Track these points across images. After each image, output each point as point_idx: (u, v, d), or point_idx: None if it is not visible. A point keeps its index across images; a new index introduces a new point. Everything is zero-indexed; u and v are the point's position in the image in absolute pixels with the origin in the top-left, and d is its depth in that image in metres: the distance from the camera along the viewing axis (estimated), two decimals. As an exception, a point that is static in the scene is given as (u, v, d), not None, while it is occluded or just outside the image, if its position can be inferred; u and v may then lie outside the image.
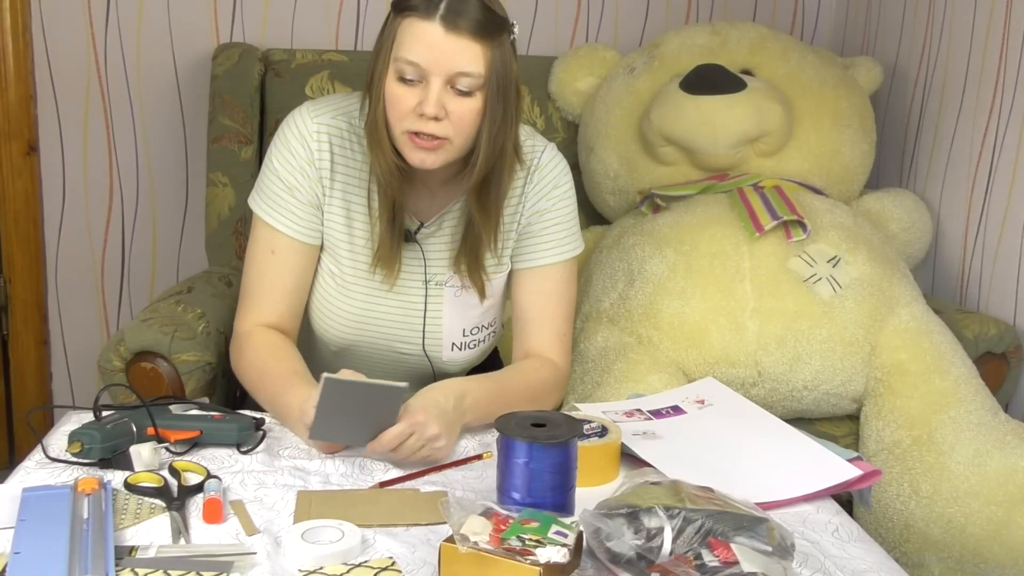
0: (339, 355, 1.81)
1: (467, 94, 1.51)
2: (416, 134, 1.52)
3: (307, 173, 1.64)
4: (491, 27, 1.50)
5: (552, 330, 1.73)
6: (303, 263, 1.68)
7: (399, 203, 1.63)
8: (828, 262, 2.10)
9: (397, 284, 1.70)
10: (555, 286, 1.73)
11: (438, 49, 1.48)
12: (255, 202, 1.69)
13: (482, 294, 1.71)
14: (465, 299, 1.72)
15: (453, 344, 1.75)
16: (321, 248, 1.70)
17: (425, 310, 1.72)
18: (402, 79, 1.51)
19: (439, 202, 1.69)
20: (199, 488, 1.33)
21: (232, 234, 2.49)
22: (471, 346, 1.77)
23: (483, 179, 1.59)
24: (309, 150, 1.64)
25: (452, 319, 1.73)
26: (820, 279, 2.07)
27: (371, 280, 1.70)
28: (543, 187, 1.71)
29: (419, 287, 1.71)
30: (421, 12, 1.48)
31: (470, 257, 1.67)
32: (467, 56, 1.49)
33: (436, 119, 1.50)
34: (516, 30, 1.56)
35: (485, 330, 1.78)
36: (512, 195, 1.70)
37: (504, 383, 1.64)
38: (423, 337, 1.74)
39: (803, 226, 2.10)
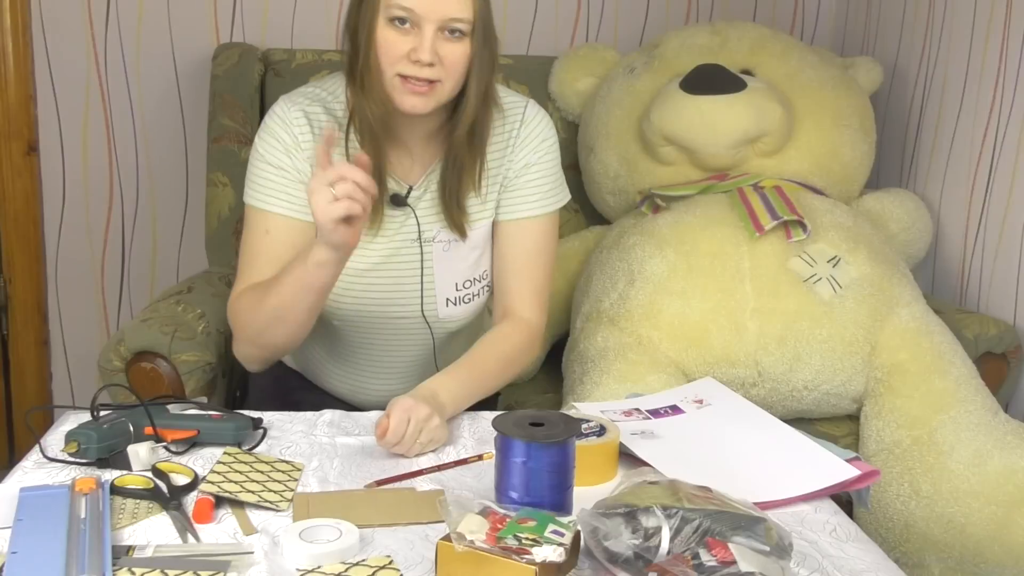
0: (340, 329, 1.82)
1: (457, 39, 1.57)
2: (408, 78, 1.57)
3: (292, 154, 1.67)
4: None
5: (530, 286, 1.77)
6: (298, 239, 1.67)
7: (381, 155, 1.65)
8: (828, 262, 2.09)
9: (390, 246, 1.73)
10: (535, 241, 1.78)
11: None
12: (248, 195, 1.71)
13: (463, 234, 1.73)
14: (453, 252, 1.75)
15: (448, 300, 1.78)
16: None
17: (421, 271, 1.75)
18: (394, 25, 1.56)
19: (423, 162, 1.72)
20: (192, 487, 1.33)
21: (232, 234, 2.49)
22: (465, 300, 1.80)
23: (472, 123, 1.65)
24: (292, 135, 1.67)
25: (443, 274, 1.76)
26: (820, 279, 2.07)
27: (365, 247, 1.71)
28: (531, 141, 1.76)
29: (412, 247, 1.74)
30: None
31: (451, 197, 1.71)
32: (458, 3, 1.55)
33: (430, 65, 1.55)
34: None
35: (478, 283, 1.80)
36: (497, 147, 1.74)
37: (475, 365, 1.68)
38: (421, 298, 1.76)
39: (803, 226, 2.10)
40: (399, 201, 1.71)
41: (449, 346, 1.85)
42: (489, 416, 1.60)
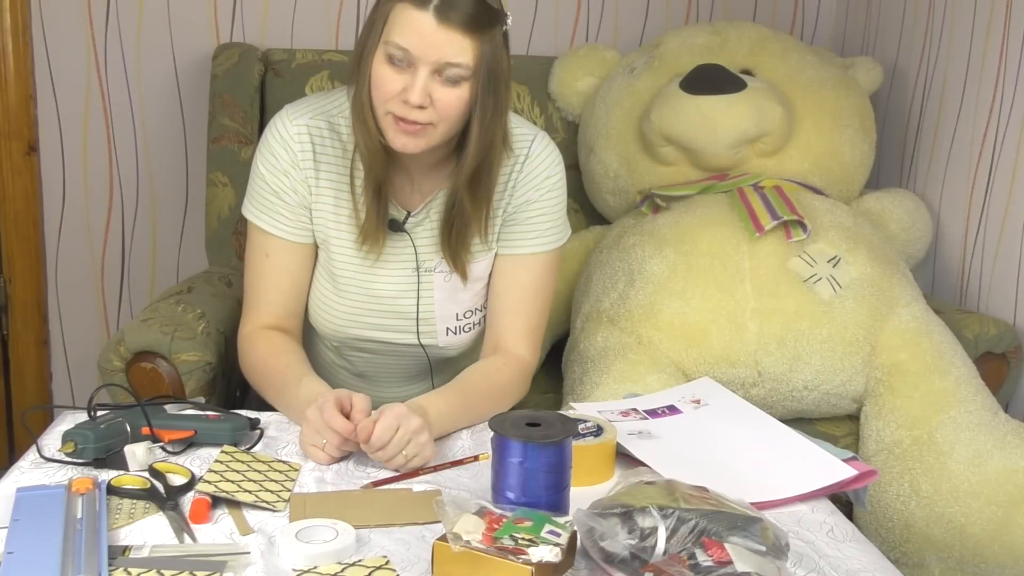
0: (339, 349, 1.83)
1: (454, 84, 1.52)
2: (400, 118, 1.53)
3: (291, 175, 1.66)
4: (483, 20, 1.51)
5: (523, 323, 1.74)
6: (297, 262, 1.71)
7: (384, 181, 1.64)
8: (828, 262, 2.09)
9: (389, 274, 1.72)
10: (533, 278, 1.74)
11: (428, 39, 1.49)
12: (247, 209, 1.72)
13: (464, 276, 1.72)
14: (455, 283, 1.73)
15: (448, 329, 1.76)
16: (317, 246, 1.72)
17: (418, 299, 1.73)
18: (390, 62, 1.52)
19: (423, 190, 1.70)
20: (189, 487, 1.33)
21: (232, 234, 2.49)
22: (466, 329, 1.78)
23: (474, 170, 1.60)
24: (292, 152, 1.66)
25: (444, 304, 1.75)
26: (820, 279, 2.07)
27: (365, 273, 1.71)
28: (534, 177, 1.72)
29: (411, 276, 1.72)
30: (415, 0, 1.49)
31: (456, 241, 1.68)
32: (456, 48, 1.50)
33: (421, 107, 1.52)
34: (509, 22, 1.57)
35: (478, 312, 1.79)
36: (500, 180, 1.70)
37: (465, 391, 1.63)
38: (417, 325, 1.75)
39: (803, 226, 2.10)
40: (396, 227, 1.69)
41: (446, 370, 1.83)
42: (486, 416, 1.59)
